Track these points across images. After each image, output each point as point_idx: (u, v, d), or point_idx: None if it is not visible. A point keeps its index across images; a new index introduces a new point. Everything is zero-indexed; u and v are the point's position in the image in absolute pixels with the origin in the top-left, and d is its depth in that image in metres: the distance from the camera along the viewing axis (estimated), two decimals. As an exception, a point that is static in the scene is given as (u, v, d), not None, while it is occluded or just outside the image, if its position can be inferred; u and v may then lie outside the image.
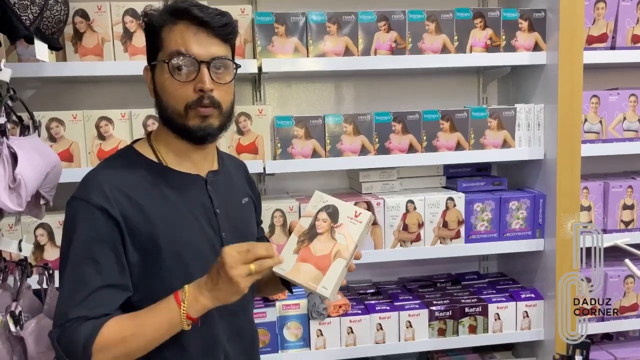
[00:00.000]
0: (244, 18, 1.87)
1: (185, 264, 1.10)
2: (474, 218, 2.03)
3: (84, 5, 1.78)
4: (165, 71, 1.09)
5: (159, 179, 1.13)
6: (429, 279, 2.32)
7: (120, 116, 1.81)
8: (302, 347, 1.96)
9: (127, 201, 1.07)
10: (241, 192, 1.30)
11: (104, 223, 1.05)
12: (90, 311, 1.02)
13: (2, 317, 1.29)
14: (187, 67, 1.08)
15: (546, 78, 2.02)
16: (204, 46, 1.08)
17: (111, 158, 1.17)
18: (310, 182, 2.24)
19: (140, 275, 1.09)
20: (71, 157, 1.79)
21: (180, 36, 1.08)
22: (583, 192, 2.07)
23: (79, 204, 1.06)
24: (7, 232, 1.74)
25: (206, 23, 1.08)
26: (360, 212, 1.14)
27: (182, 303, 1.02)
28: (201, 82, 1.07)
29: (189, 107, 1.09)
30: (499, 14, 1.99)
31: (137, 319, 1.04)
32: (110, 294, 1.05)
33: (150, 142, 1.18)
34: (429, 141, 1.99)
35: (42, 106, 1.83)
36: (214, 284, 1.02)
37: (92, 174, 1.11)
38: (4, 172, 1.20)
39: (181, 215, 1.12)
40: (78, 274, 1.04)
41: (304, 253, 1.11)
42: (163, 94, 1.11)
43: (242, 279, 0.99)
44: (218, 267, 1.01)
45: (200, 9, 1.08)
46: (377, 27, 1.92)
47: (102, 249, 1.04)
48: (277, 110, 2.21)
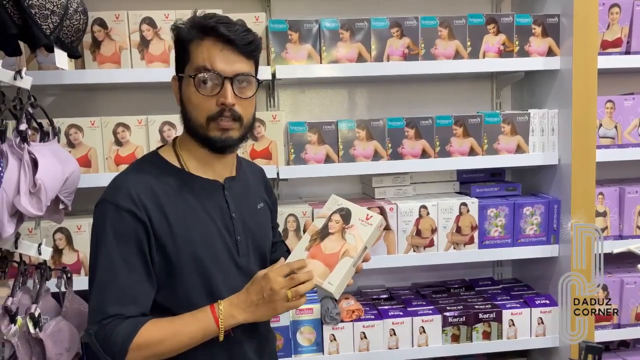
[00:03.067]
0: (258, 25, 1.90)
1: (203, 265, 1.16)
2: (487, 223, 2.02)
3: (102, 14, 1.82)
4: (190, 84, 1.15)
5: (181, 184, 1.18)
6: (443, 285, 2.32)
7: (137, 122, 1.85)
8: (316, 352, 1.97)
9: (152, 205, 1.12)
10: (257, 198, 1.35)
11: (132, 225, 1.10)
12: (126, 308, 1.09)
13: (22, 319, 1.32)
14: (212, 82, 1.13)
15: (560, 83, 2.01)
16: (229, 63, 1.14)
17: (138, 163, 1.23)
18: (323, 188, 2.25)
19: (162, 276, 1.15)
20: (89, 162, 1.82)
21: (207, 52, 1.13)
22: (598, 198, 2.05)
23: (108, 206, 1.11)
24: (26, 236, 1.77)
25: (232, 41, 1.13)
26: (371, 215, 1.19)
27: (219, 318, 1.11)
28: (223, 96, 1.13)
29: (210, 119, 1.15)
30: (512, 19, 1.99)
31: (174, 325, 1.11)
32: (142, 292, 1.11)
33: (175, 149, 1.23)
34: (442, 146, 1.99)
35: (61, 113, 1.87)
36: (252, 304, 1.12)
37: (121, 178, 1.17)
38: (24, 177, 1.23)
39: (200, 219, 1.18)
40: (110, 272, 1.09)
41: (315, 250, 1.17)
42: (188, 105, 1.17)
43: (283, 303, 1.11)
44: (261, 289, 1.11)
45: (227, 27, 1.13)
46: (390, 34, 1.93)
47: (130, 249, 1.10)
48: (291, 116, 2.23)
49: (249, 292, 1.13)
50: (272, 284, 1.10)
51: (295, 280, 1.11)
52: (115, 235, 1.10)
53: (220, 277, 1.18)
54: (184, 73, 1.17)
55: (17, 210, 1.25)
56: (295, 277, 1.11)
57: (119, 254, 1.09)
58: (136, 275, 1.10)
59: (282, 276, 1.11)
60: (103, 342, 1.07)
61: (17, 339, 1.29)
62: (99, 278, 1.10)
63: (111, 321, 1.07)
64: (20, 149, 1.26)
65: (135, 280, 1.10)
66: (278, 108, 2.20)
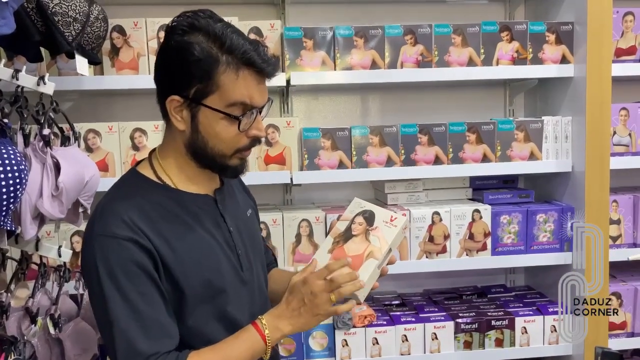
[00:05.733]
0: (273, 32, 1.93)
1: (212, 288, 1.08)
2: (500, 230, 2.02)
3: (121, 22, 1.85)
4: (222, 118, 1.03)
5: (172, 202, 1.07)
6: (455, 291, 2.31)
7: (154, 127, 1.87)
8: (328, 357, 1.97)
9: (150, 230, 1.01)
10: (245, 205, 1.27)
11: (137, 254, 0.99)
12: (160, 344, 0.99)
13: (42, 320, 1.34)
14: (248, 118, 1.04)
15: (574, 90, 2.02)
16: (264, 96, 1.06)
17: (120, 185, 1.11)
18: (336, 193, 2.27)
19: (173, 305, 1.05)
20: (106, 167, 1.85)
21: (246, 87, 1.02)
22: (612, 206, 2.05)
23: (104, 240, 0.99)
24: (44, 239, 1.80)
25: (267, 74, 1.04)
26: (396, 216, 1.17)
27: (265, 334, 1.04)
28: (257, 129, 1.07)
29: (238, 151, 1.07)
30: (526, 27, 2.00)
31: (219, 351, 1.04)
32: (169, 323, 1.02)
33: (157, 164, 1.11)
34: (455, 153, 2.00)
35: (79, 118, 1.90)
36: (294, 313, 1.06)
37: (108, 206, 1.03)
38: (47, 181, 1.26)
39: (201, 239, 1.08)
40: (128, 310, 0.97)
41: (338, 253, 1.14)
42: (211, 137, 1.05)
43: (327, 307, 1.04)
44: (302, 296, 1.05)
45: (263, 60, 1.02)
46: (404, 41, 1.95)
47: (142, 280, 0.99)
48: (304, 122, 2.25)
49: (289, 301, 1.07)
50: (312, 287, 1.04)
51: (335, 282, 1.04)
52: (122, 271, 0.97)
53: (230, 297, 1.10)
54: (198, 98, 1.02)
55: (39, 213, 1.28)
56: (335, 279, 1.04)
57: (134, 289, 0.97)
58: (157, 307, 1.00)
59: (322, 279, 1.05)
60: None
61: (37, 339, 1.32)
62: (118, 323, 0.97)
63: None
64: (43, 153, 1.29)
65: (158, 312, 1.00)
66: (292, 114, 2.23)
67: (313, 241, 1.97)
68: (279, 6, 2.16)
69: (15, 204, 1.16)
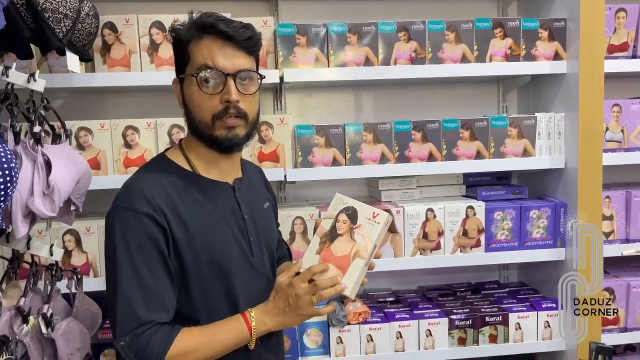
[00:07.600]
0: (266, 29, 1.91)
1: (221, 269, 1.16)
2: (494, 227, 2.03)
3: (113, 18, 1.83)
4: (193, 84, 1.14)
5: (192, 186, 1.17)
6: (449, 288, 2.32)
7: (146, 125, 1.86)
8: (322, 354, 1.97)
9: (168, 209, 1.11)
10: (263, 198, 1.36)
11: (152, 229, 1.09)
12: (156, 315, 1.08)
13: (34, 319, 1.33)
14: (214, 79, 1.12)
15: (567, 87, 2.02)
16: (229, 59, 1.13)
17: (147, 166, 1.22)
18: (330, 190, 2.24)
19: (178, 282, 1.14)
20: (98, 165, 1.84)
21: (207, 50, 1.12)
22: (605, 202, 2.06)
23: (125, 212, 1.09)
24: (36, 238, 1.78)
25: (231, 37, 1.12)
26: (377, 212, 1.20)
27: (251, 325, 1.13)
28: (227, 93, 1.12)
29: (216, 118, 1.14)
30: (519, 23, 2.00)
31: (207, 333, 1.12)
32: (169, 297, 1.11)
33: (182, 151, 1.22)
34: (448, 150, 2.00)
35: (71, 115, 1.88)
36: (280, 311, 1.15)
37: (133, 182, 1.15)
38: (38, 179, 1.25)
39: (214, 222, 1.17)
40: (136, 280, 1.07)
41: (326, 254, 1.19)
42: (191, 105, 1.16)
43: (309, 308, 1.14)
44: (286, 296, 1.14)
45: (225, 23, 1.12)
46: (397, 37, 1.94)
47: (152, 254, 1.09)
48: (298, 119, 2.24)
49: (275, 299, 1.16)
50: (296, 290, 1.13)
51: (318, 286, 1.13)
52: (136, 242, 1.08)
53: (237, 279, 1.18)
54: (184, 74, 1.16)
55: (30, 211, 1.27)
56: (318, 284, 1.13)
57: (143, 261, 1.08)
58: (161, 281, 1.09)
59: (305, 282, 1.13)
60: (138, 354, 1.06)
61: (29, 339, 1.30)
62: (123, 288, 1.07)
63: (144, 330, 1.06)
64: (34, 150, 1.28)
65: (161, 286, 1.09)
66: (285, 111, 2.22)
67: (307, 238, 1.97)
68: (271, 3, 2.15)
69: (6, 203, 1.15)
